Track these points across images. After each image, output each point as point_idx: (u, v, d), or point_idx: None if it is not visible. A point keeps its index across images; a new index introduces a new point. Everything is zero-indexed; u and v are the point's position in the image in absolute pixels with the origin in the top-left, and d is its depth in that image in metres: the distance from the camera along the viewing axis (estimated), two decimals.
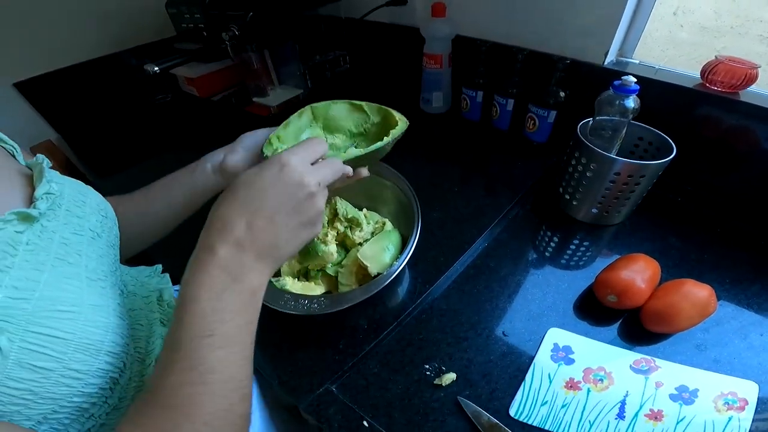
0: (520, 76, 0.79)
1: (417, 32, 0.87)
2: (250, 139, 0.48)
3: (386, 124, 0.48)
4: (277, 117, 0.99)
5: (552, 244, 0.64)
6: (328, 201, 0.58)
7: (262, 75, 0.97)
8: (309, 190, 0.34)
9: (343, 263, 0.58)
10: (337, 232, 0.58)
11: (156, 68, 0.86)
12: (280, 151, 0.38)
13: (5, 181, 0.33)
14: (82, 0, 0.97)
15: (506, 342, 0.51)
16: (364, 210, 0.63)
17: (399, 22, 0.98)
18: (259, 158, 0.46)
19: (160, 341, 0.42)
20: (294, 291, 0.54)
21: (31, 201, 0.33)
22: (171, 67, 0.94)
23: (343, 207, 0.59)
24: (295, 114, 0.48)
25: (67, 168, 1.03)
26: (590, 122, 0.64)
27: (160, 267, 0.52)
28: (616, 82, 0.58)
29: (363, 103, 0.49)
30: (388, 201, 0.64)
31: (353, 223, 0.59)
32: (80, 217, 0.36)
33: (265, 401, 0.54)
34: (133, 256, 0.53)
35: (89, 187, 0.41)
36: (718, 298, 0.49)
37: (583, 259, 0.62)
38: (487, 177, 0.77)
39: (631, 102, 0.58)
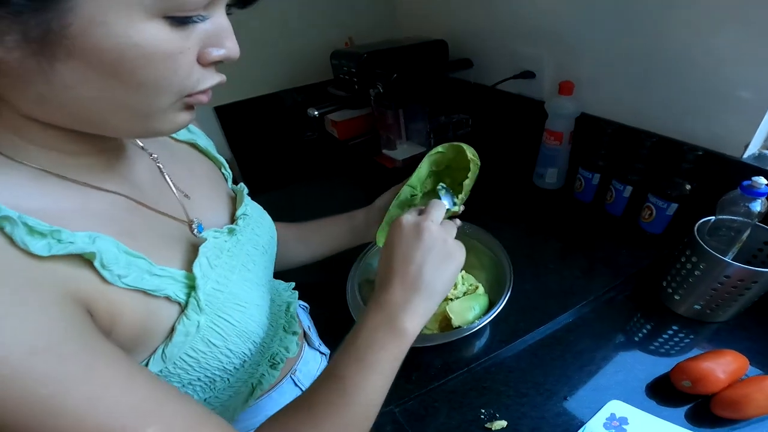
0: (645, 163, 0.84)
1: (541, 105, 0.98)
2: (380, 204, 0.70)
3: (463, 157, 0.65)
4: (400, 171, 1.19)
5: (641, 331, 0.68)
6: None
7: (393, 129, 1.19)
8: (446, 241, 0.48)
9: None
10: None
11: (316, 113, 1.14)
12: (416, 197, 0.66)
13: (220, 201, 0.54)
14: (275, 42, 1.31)
15: (564, 404, 0.57)
16: (462, 272, 0.77)
17: (524, 94, 1.12)
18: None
19: (278, 342, 0.58)
20: None
21: (232, 217, 0.53)
22: (327, 112, 1.22)
23: None
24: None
25: None
26: (711, 221, 0.67)
27: (293, 284, 0.70)
28: (745, 183, 0.62)
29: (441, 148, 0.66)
30: (486, 268, 0.77)
31: None
32: (258, 235, 0.54)
33: None
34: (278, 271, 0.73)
35: (265, 212, 0.61)
36: None
37: (670, 348, 0.65)
38: (588, 259, 0.83)
39: (758, 205, 0.61)
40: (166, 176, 0.47)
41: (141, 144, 0.47)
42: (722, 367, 0.54)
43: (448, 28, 1.28)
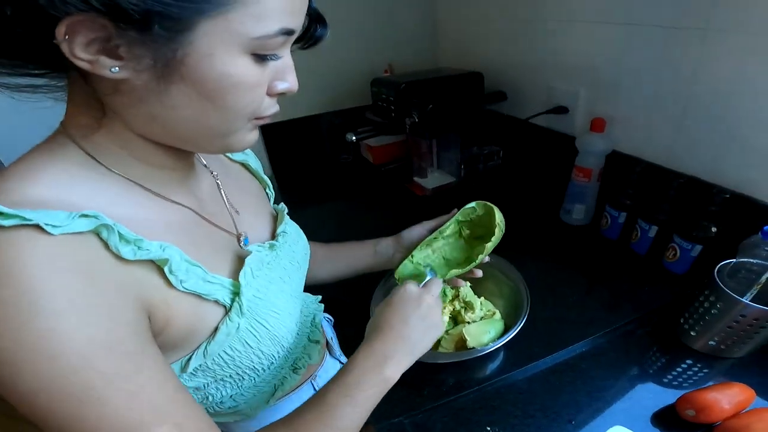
0: (671, 203, 0.87)
1: (572, 140, 1.02)
2: (407, 235, 0.77)
3: (489, 218, 0.72)
4: (429, 199, 1.26)
5: (655, 363, 0.70)
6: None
7: (426, 157, 1.26)
8: (434, 314, 0.58)
9: (449, 331, 0.77)
10: (453, 308, 0.79)
11: (354, 137, 1.22)
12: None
13: (264, 218, 0.62)
14: (318, 67, 1.42)
15: (569, 427, 0.60)
16: (482, 298, 0.82)
17: (556, 128, 1.17)
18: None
19: (302, 350, 0.64)
20: None
21: (272, 234, 0.61)
22: (364, 138, 1.30)
23: (465, 291, 0.80)
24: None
25: None
26: (731, 263, 0.70)
27: (319, 297, 0.76)
28: (766, 228, 0.65)
29: (475, 204, 0.75)
30: (505, 296, 0.83)
31: (468, 306, 0.79)
32: (294, 251, 0.62)
33: None
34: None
35: (301, 231, 0.68)
36: None
37: (683, 381, 0.67)
38: (609, 294, 0.86)
39: None
40: (222, 192, 0.55)
41: (204, 162, 0.56)
42: (728, 398, 0.57)
43: (485, 60, 1.36)
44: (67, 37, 0.31)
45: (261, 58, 0.38)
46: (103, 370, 0.33)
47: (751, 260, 0.67)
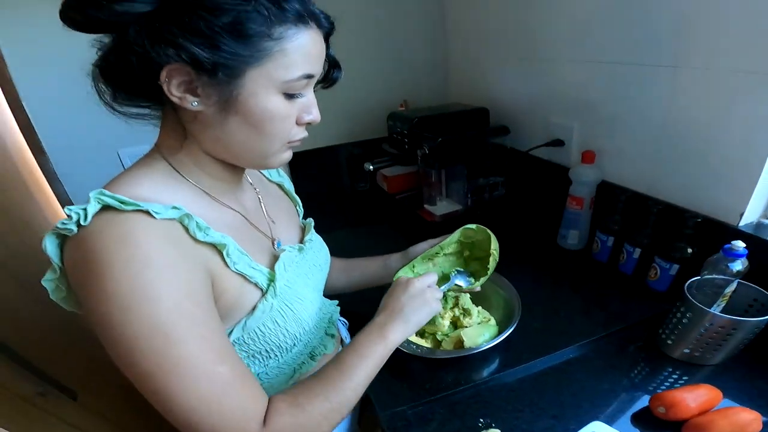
0: (652, 228, 0.96)
1: (568, 171, 1.12)
2: (413, 251, 0.89)
3: (488, 243, 0.84)
4: (438, 225, 1.37)
5: (636, 369, 0.78)
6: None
7: (435, 187, 1.37)
8: (425, 294, 0.71)
9: (449, 334, 0.87)
10: (453, 315, 0.89)
11: (371, 167, 1.35)
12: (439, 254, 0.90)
13: (294, 229, 0.76)
14: (340, 102, 1.58)
15: (552, 421, 0.68)
16: (479, 307, 0.92)
17: (554, 160, 1.28)
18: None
19: (319, 341, 0.75)
20: (410, 339, 0.85)
21: (300, 242, 0.74)
22: (381, 167, 1.43)
23: (464, 300, 0.90)
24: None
25: None
26: (699, 279, 0.78)
27: (337, 301, 0.87)
28: (726, 246, 0.74)
29: (474, 226, 0.88)
30: (500, 307, 0.93)
31: (467, 313, 0.89)
32: (318, 256, 0.75)
33: None
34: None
35: (323, 241, 0.82)
36: None
37: (667, 387, 0.73)
38: (597, 309, 0.95)
39: (738, 265, 0.73)
40: (263, 205, 0.70)
41: (250, 181, 0.71)
42: (694, 396, 0.64)
43: (491, 97, 1.49)
44: (166, 79, 0.46)
45: (290, 96, 0.52)
46: (187, 313, 0.45)
47: (717, 276, 0.75)
